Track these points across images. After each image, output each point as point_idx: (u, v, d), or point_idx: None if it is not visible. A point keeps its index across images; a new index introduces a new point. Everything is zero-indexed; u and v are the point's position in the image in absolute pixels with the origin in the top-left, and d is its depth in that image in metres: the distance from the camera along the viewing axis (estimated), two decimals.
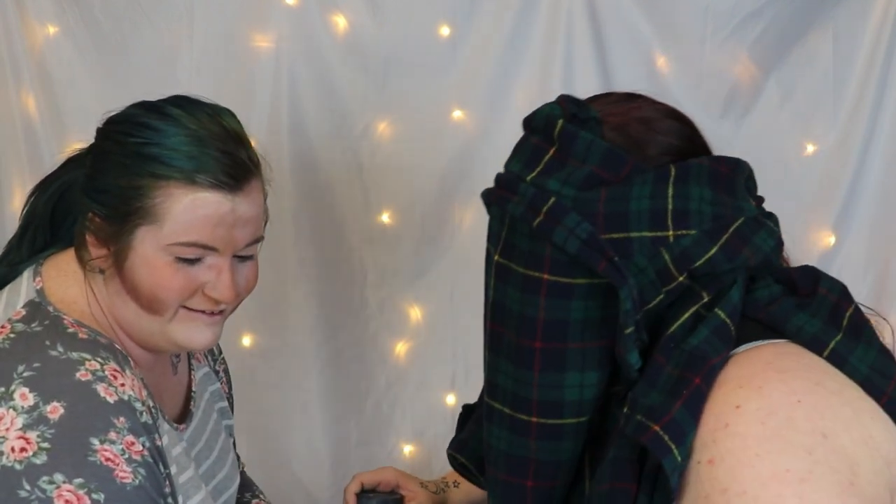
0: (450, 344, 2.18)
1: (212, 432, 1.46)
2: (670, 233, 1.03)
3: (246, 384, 2.09)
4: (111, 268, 1.26)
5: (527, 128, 1.12)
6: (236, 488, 1.51)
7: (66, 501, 1.12)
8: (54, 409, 1.15)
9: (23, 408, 1.15)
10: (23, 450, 1.14)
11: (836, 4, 2.08)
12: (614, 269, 1.01)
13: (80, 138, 1.33)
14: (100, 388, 1.18)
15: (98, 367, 1.20)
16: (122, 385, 1.21)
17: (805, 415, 0.94)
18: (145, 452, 1.20)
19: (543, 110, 1.10)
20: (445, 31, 2.05)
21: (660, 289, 1.04)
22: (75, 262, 1.31)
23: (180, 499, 1.29)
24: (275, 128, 2.05)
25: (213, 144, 1.24)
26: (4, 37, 1.98)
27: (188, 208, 1.22)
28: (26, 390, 1.16)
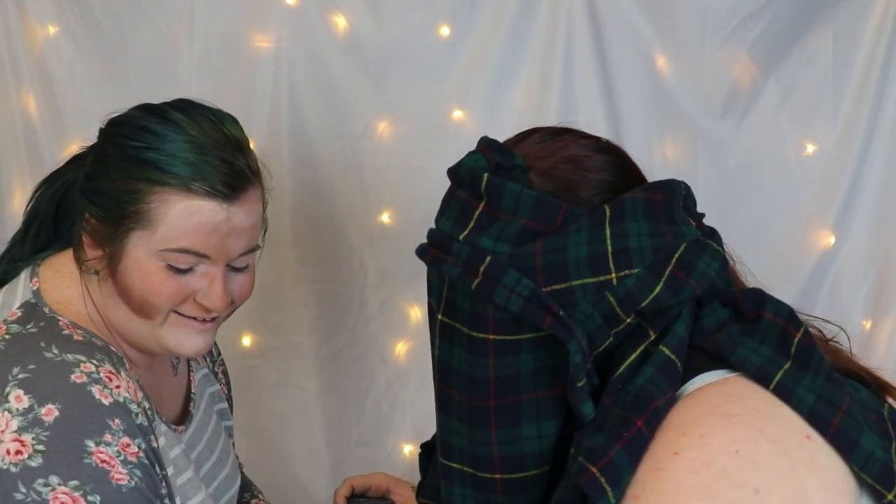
0: None
1: (212, 433, 1.46)
2: (613, 275, 1.01)
3: (246, 384, 2.09)
4: (105, 270, 1.26)
5: (453, 180, 1.10)
6: (238, 489, 1.51)
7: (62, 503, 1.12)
8: (49, 412, 1.15)
9: (18, 410, 1.15)
10: (18, 452, 1.13)
11: (836, 4, 2.08)
12: (560, 324, 0.99)
13: (80, 138, 1.33)
14: (95, 390, 1.18)
15: (93, 369, 1.20)
16: (118, 387, 1.21)
17: (740, 467, 0.93)
18: (141, 454, 1.20)
19: (467, 162, 1.07)
20: (445, 31, 2.05)
21: (608, 332, 1.02)
22: (73, 262, 1.31)
23: (178, 500, 1.28)
24: (275, 128, 2.05)
25: (213, 152, 1.23)
26: (4, 37, 1.98)
27: (182, 215, 1.22)
28: (21, 392, 1.16)
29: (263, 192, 1.31)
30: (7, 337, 1.23)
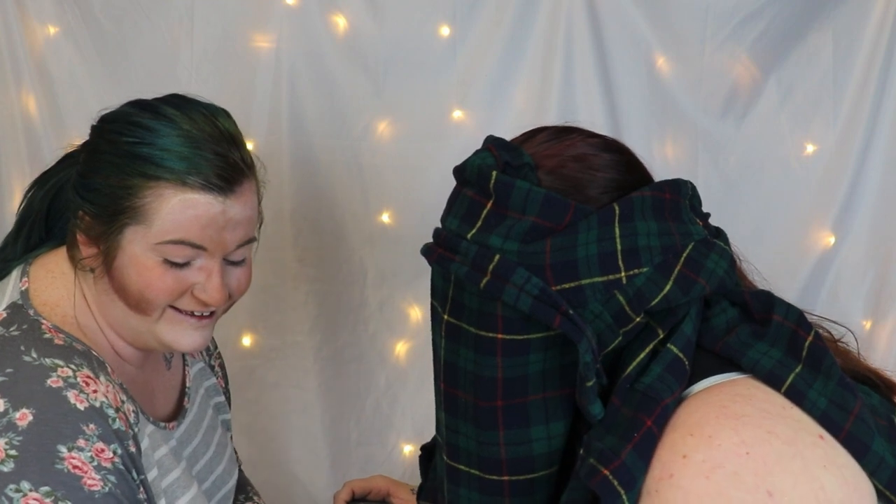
0: None
1: (208, 428, 1.46)
2: (623, 274, 1.01)
3: (246, 384, 2.10)
4: (100, 267, 1.26)
5: (459, 179, 1.09)
6: (234, 483, 1.50)
7: None
8: (23, 416, 1.14)
9: None
10: None
11: (836, 4, 2.08)
12: (570, 323, 0.99)
13: (81, 138, 1.33)
14: (70, 394, 1.17)
15: (70, 373, 1.19)
16: (95, 392, 1.19)
17: (752, 469, 0.91)
18: (116, 459, 1.18)
19: (475, 161, 1.06)
20: (445, 31, 2.05)
21: (617, 331, 1.01)
22: (65, 261, 1.31)
23: (163, 502, 1.27)
24: (275, 128, 2.05)
25: (207, 146, 1.22)
26: (4, 37, 1.98)
27: (177, 208, 1.21)
28: None
29: (258, 185, 1.30)
30: None
